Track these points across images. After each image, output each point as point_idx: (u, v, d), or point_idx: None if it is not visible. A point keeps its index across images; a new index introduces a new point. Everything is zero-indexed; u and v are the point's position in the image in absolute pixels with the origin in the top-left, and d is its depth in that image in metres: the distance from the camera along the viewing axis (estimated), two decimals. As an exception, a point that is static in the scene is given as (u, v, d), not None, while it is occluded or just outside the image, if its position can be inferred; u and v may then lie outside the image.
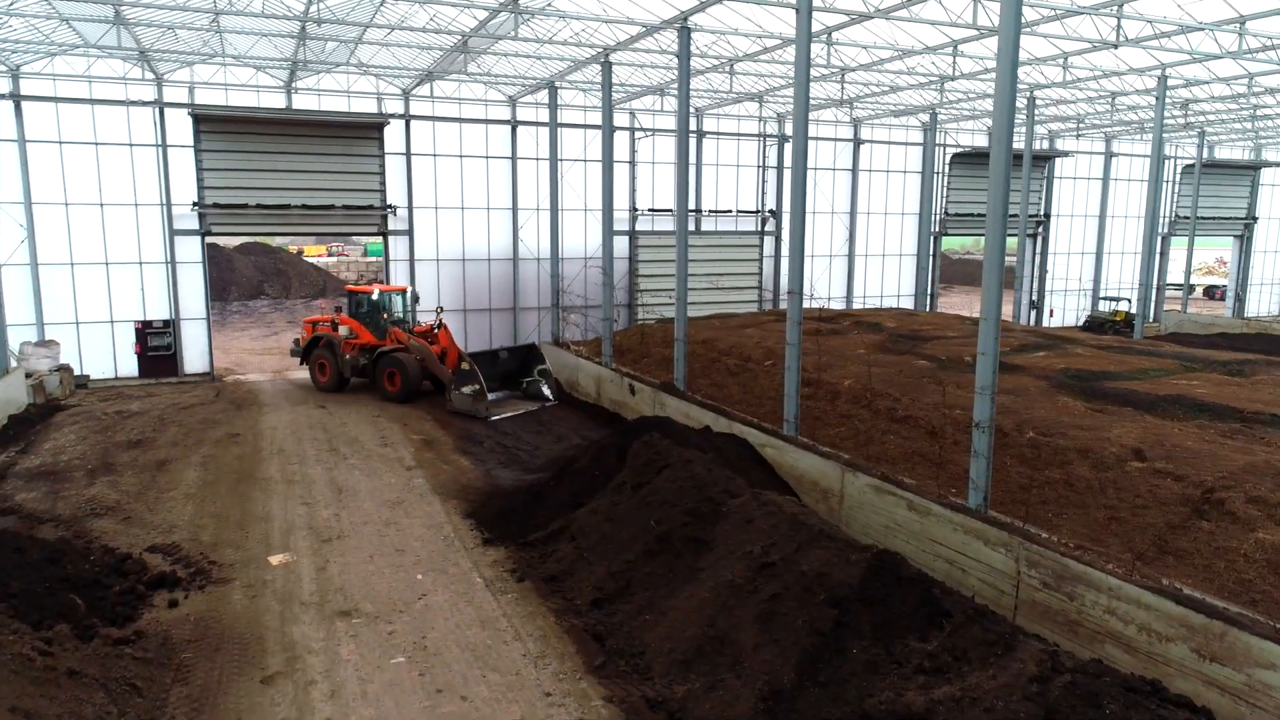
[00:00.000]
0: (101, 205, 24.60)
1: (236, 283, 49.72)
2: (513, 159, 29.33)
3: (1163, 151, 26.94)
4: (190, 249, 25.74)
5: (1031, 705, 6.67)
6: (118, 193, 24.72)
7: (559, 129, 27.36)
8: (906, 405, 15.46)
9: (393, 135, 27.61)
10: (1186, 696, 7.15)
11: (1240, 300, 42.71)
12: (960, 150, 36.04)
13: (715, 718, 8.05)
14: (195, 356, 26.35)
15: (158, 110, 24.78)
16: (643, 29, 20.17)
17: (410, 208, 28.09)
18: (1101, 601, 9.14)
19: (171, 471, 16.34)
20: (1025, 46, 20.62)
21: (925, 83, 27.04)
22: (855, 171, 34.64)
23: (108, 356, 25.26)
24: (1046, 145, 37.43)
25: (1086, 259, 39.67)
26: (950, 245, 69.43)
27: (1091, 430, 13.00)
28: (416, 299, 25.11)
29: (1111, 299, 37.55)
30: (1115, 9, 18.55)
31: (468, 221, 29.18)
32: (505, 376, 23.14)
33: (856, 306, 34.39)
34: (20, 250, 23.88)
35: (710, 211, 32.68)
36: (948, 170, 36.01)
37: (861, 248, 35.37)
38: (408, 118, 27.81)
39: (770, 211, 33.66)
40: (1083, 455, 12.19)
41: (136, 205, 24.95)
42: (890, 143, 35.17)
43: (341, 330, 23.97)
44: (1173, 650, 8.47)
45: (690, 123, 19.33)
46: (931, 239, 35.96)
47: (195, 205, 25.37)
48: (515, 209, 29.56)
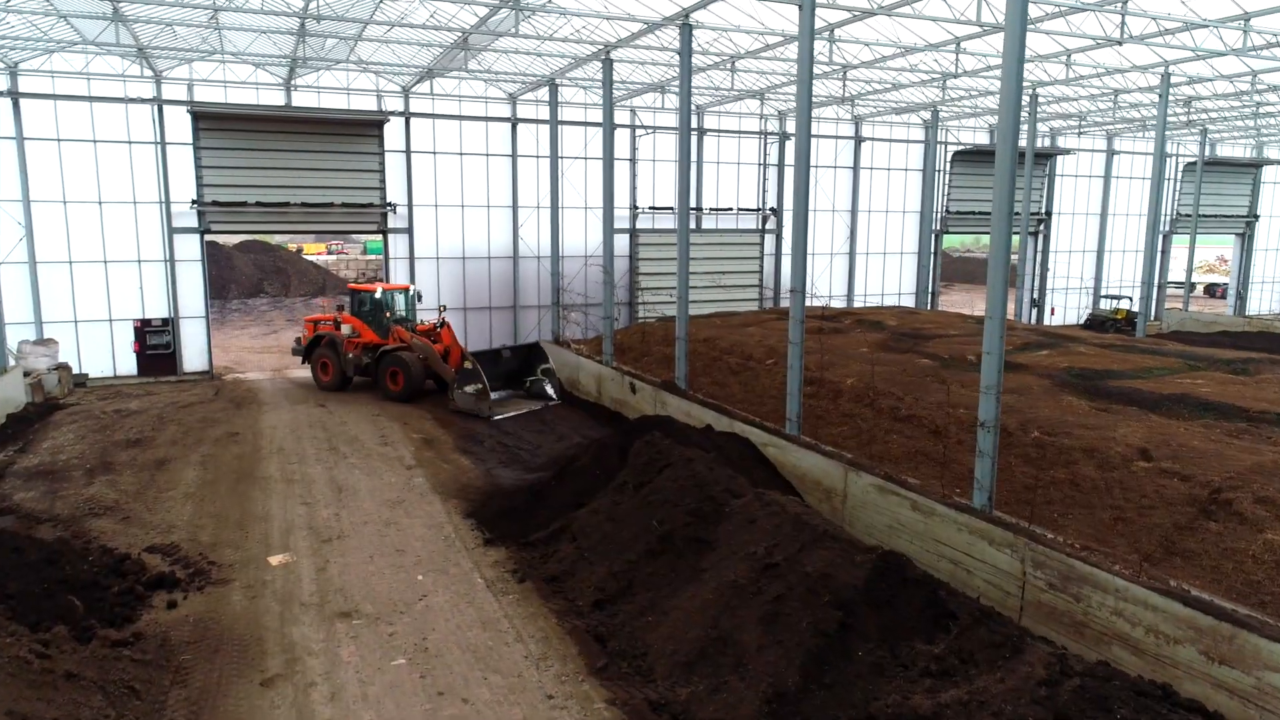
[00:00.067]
0: (100, 203, 24.51)
1: (236, 281, 49.61)
2: (513, 157, 29.22)
3: (1165, 149, 26.81)
4: (189, 247, 25.65)
5: (1040, 709, 6.59)
6: (116, 191, 24.62)
7: (559, 126, 27.26)
8: (909, 404, 15.38)
9: (392, 133, 27.49)
10: (1198, 701, 7.08)
11: (1242, 298, 42.64)
12: (962, 148, 35.93)
13: (719, 721, 7.98)
14: (194, 355, 26.25)
15: (156, 108, 24.67)
16: (644, 26, 20.06)
17: (410, 206, 27.98)
18: (1108, 603, 9.06)
19: (170, 471, 16.26)
20: (1028, 44, 20.48)
21: (927, 80, 26.94)
22: (856, 169, 34.54)
23: (106, 355, 25.18)
24: (1048, 143, 37.33)
25: (1088, 257, 39.59)
26: (950, 243, 69.33)
27: (1096, 429, 12.91)
28: (419, 297, 25.00)
29: (1113, 297, 37.47)
30: (1120, 5, 18.46)
31: (468, 219, 29.08)
32: (508, 375, 23.04)
33: (857, 305, 34.32)
34: (19, 249, 23.79)
35: (711, 209, 32.59)
36: (949, 168, 35.90)
37: (862, 246, 35.28)
38: (407, 115, 27.69)
39: (771, 209, 33.56)
40: (1088, 455, 12.10)
41: (135, 203, 24.86)
42: (891, 140, 35.07)
43: (344, 329, 23.86)
44: (1181, 652, 8.39)
45: (691, 120, 19.18)
46: (933, 237, 35.85)
47: (194, 203, 25.27)
48: (515, 207, 29.46)
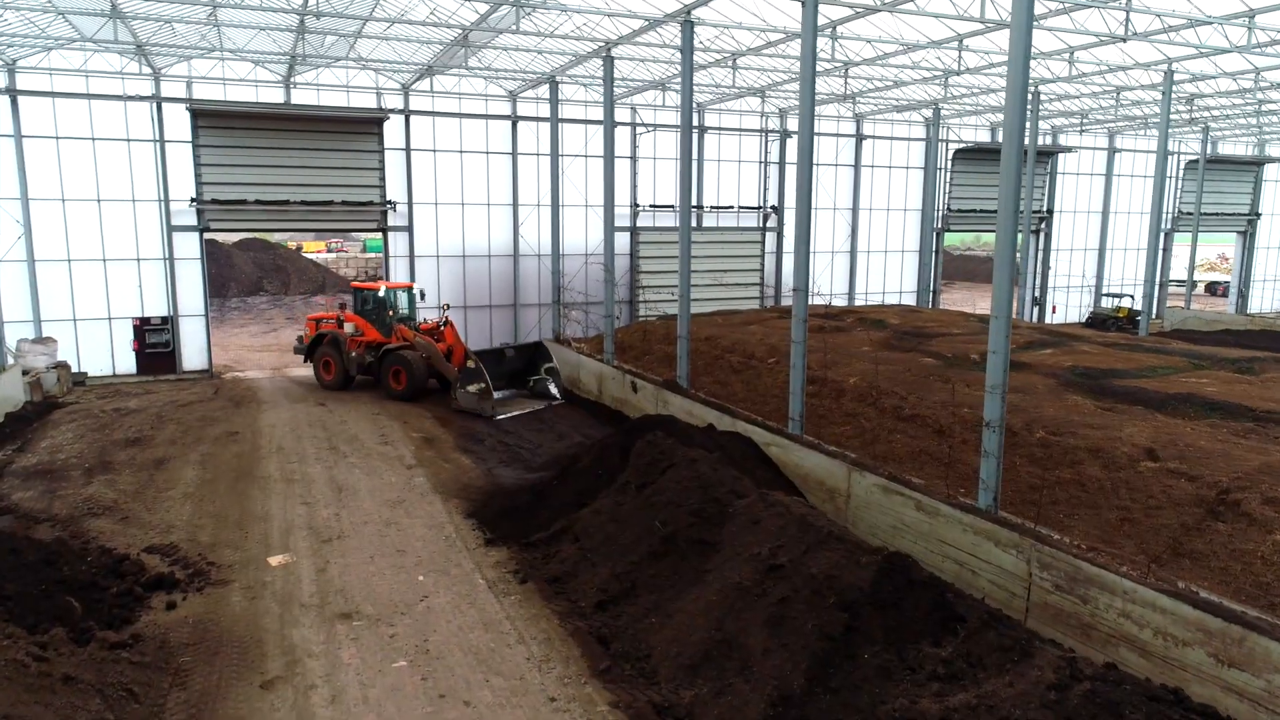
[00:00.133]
0: (99, 201, 24.40)
1: (235, 279, 49.50)
2: (513, 154, 29.12)
3: (1167, 147, 26.72)
4: (188, 245, 25.54)
5: (1050, 714, 6.50)
6: (115, 188, 24.52)
7: (560, 124, 27.15)
8: (913, 403, 15.29)
9: (392, 130, 27.38)
10: (1211, 706, 6.99)
11: (1243, 296, 42.56)
12: (963, 146, 35.83)
13: (724, 724, 7.90)
14: (194, 353, 26.15)
15: (155, 105, 24.55)
16: (645, 22, 19.96)
17: (410, 203, 27.87)
18: (1116, 605, 8.99)
19: (170, 470, 16.17)
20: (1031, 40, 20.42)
21: (929, 77, 26.84)
22: (857, 167, 34.44)
23: (105, 354, 25.08)
24: (1049, 141, 37.23)
25: (1089, 255, 39.50)
26: (950, 241, 69.16)
27: (1102, 429, 12.82)
28: (422, 296, 24.86)
29: (1114, 295, 37.38)
30: (1124, 1, 18.35)
31: (468, 217, 28.97)
32: (511, 375, 22.93)
33: (859, 303, 34.23)
34: (17, 247, 23.68)
35: (712, 207, 32.48)
36: (950, 166, 35.79)
37: (864, 244, 35.19)
38: (407, 113, 27.58)
39: (772, 207, 33.46)
40: (1094, 455, 12.01)
41: (134, 201, 24.75)
42: (893, 138, 34.96)
43: (347, 327, 23.74)
44: (1189, 655, 8.32)
45: (692, 118, 19.08)
46: (934, 235, 35.75)
47: (193, 201, 25.17)
48: (516, 205, 29.35)
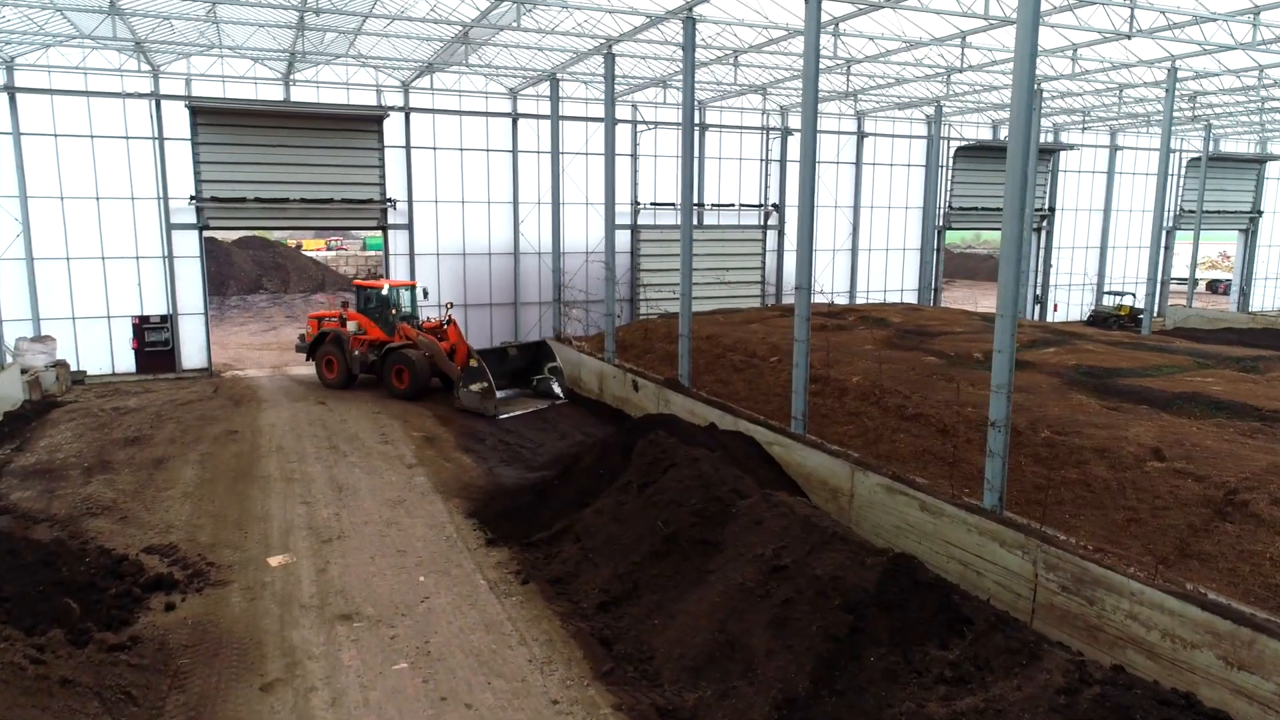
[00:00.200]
0: (98, 199, 24.29)
1: (235, 277, 49.41)
2: (513, 152, 29.01)
3: (1170, 144, 26.63)
4: (188, 243, 25.43)
5: (1059, 718, 6.43)
6: (114, 186, 24.41)
7: (560, 122, 27.05)
8: (916, 402, 15.20)
9: (392, 128, 27.27)
10: (1224, 712, 6.90)
11: (1245, 294, 42.45)
12: (965, 143, 35.71)
13: (728, 728, 7.82)
14: (193, 352, 26.05)
15: (154, 103, 24.45)
16: (647, 19, 19.84)
17: (410, 201, 27.77)
18: (1123, 606, 8.91)
19: (169, 470, 16.08)
20: (1035, 38, 20.31)
21: (931, 75, 26.72)
22: (859, 165, 34.33)
23: (104, 352, 24.99)
24: (1051, 138, 37.12)
25: (1090, 253, 39.41)
26: (951, 239, 69.00)
27: (1107, 429, 12.73)
28: (425, 294, 24.75)
29: (1115, 293, 37.29)
30: (1129, -2, 18.26)
31: (468, 215, 28.87)
32: (514, 374, 22.81)
33: (860, 301, 34.15)
34: (16, 245, 23.58)
35: (713, 205, 32.38)
36: (952, 163, 35.68)
37: (865, 242, 35.09)
38: (407, 110, 27.47)
39: (773, 205, 33.35)
40: (1099, 455, 11.92)
41: (133, 199, 24.64)
42: (894, 136, 34.85)
43: (350, 326, 23.61)
44: (1198, 657, 8.24)
45: (694, 115, 18.98)
46: (935, 233, 35.65)
47: (192, 199, 25.07)
48: (516, 203, 29.25)
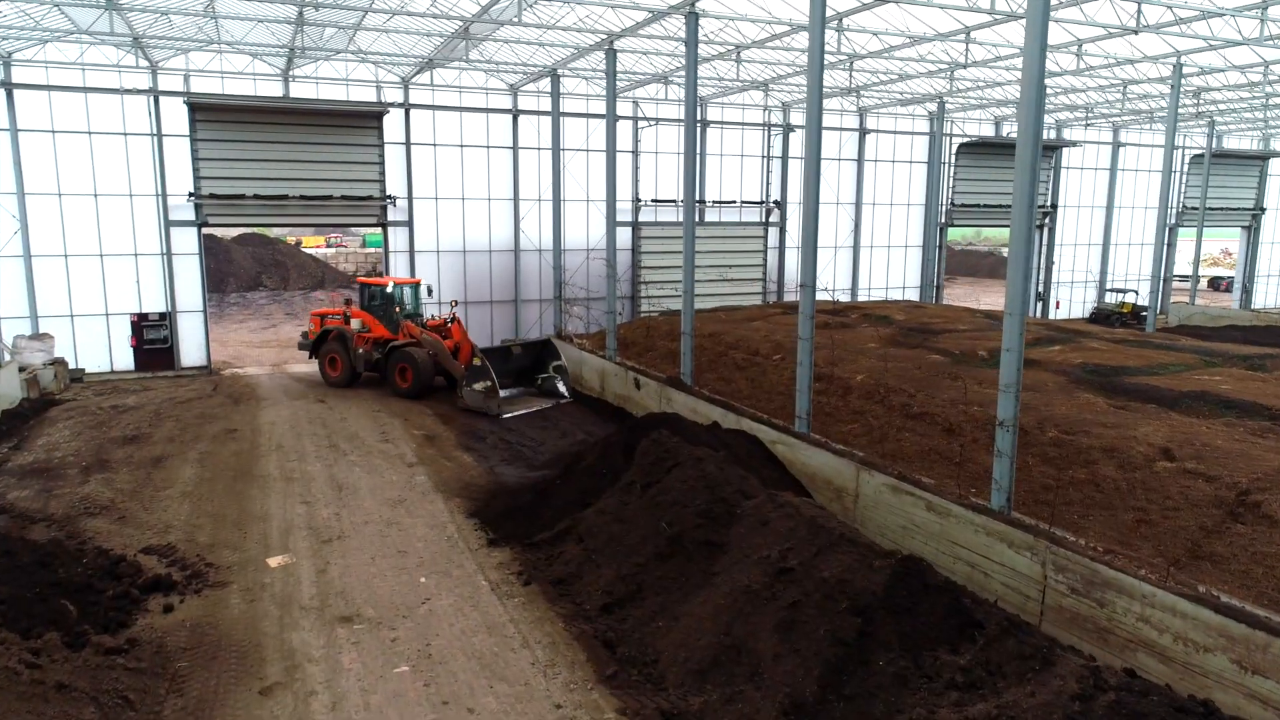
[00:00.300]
0: (96, 196, 24.15)
1: (234, 274, 49.25)
2: (514, 149, 28.85)
3: (1175, 141, 26.47)
4: (186, 240, 25.29)
5: (1074, 725, 6.30)
6: (112, 183, 24.27)
7: (561, 118, 26.88)
8: (921, 401, 15.07)
9: (392, 124, 27.10)
10: (1241, 718, 6.77)
11: (1247, 292, 42.32)
12: (967, 140, 35.55)
13: (735, 733, 7.70)
14: (192, 349, 25.92)
15: (152, 99, 24.29)
16: (649, 14, 19.70)
17: (410, 198, 27.62)
18: (1134, 609, 8.78)
19: (167, 469, 15.96)
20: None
21: (934, 71, 26.56)
22: (860, 161, 34.18)
23: (103, 350, 24.85)
24: (1054, 135, 36.95)
25: (1093, 250, 39.28)
26: (952, 236, 68.90)
27: (1116, 428, 12.59)
28: (429, 291, 24.61)
29: (1118, 291, 37.14)
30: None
31: (468, 212, 28.72)
32: (519, 372, 22.67)
33: (862, 299, 34.01)
34: (13, 242, 23.44)
35: (714, 202, 32.22)
36: (954, 160, 35.52)
37: (866, 239, 34.95)
38: (407, 106, 27.31)
39: (775, 202, 33.20)
40: (1108, 454, 11.79)
41: (131, 196, 24.49)
42: (896, 132, 34.68)
43: (354, 324, 23.46)
44: (1211, 661, 8.12)
45: (696, 111, 18.83)
46: (938, 230, 35.50)
47: (191, 196, 24.91)
48: (517, 199, 29.10)
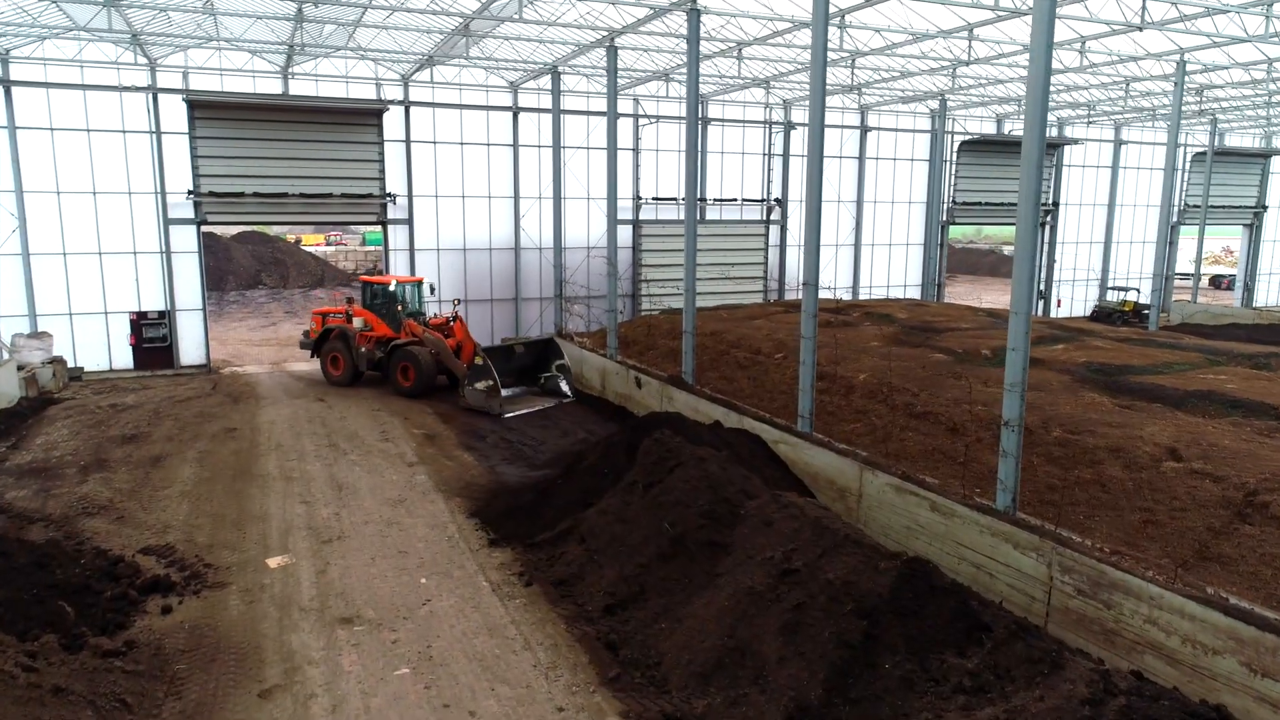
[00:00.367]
0: (94, 194, 24.04)
1: (233, 272, 49.12)
2: (514, 146, 28.74)
3: (1177, 139, 26.36)
4: (186, 238, 25.19)
5: (1084, 730, 6.22)
6: (111, 181, 24.16)
7: (562, 115, 26.76)
8: (925, 400, 14.98)
9: (392, 122, 27.00)
10: (1254, 723, 6.69)
11: (1249, 290, 42.23)
12: (969, 138, 35.43)
13: (739, 736, 7.62)
14: (191, 348, 25.83)
15: (151, 96, 24.17)
16: (650, 11, 19.59)
17: (410, 196, 27.52)
18: (1141, 610, 8.70)
19: (166, 468, 15.87)
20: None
21: (937, 68, 26.45)
22: (861, 159, 34.07)
23: (102, 348, 24.75)
24: (1055, 133, 36.84)
25: (1094, 248, 39.18)
26: (952, 234, 68.87)
27: (1121, 428, 12.51)
28: (432, 290, 24.46)
29: (1120, 289, 37.04)
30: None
31: (469, 210, 28.62)
32: (521, 371, 22.56)
33: (863, 297, 33.90)
34: (12, 240, 23.34)
35: (715, 200, 32.11)
36: (955, 158, 35.41)
37: (868, 237, 34.85)
38: (407, 104, 27.20)
39: (776, 200, 33.09)
40: (1114, 454, 11.70)
41: (130, 194, 24.39)
42: (897, 130, 34.57)
43: (356, 322, 23.37)
44: (1220, 664, 8.04)
45: (697, 109, 18.76)
46: (939, 228, 35.40)
47: (190, 193, 24.81)
48: (517, 197, 29.00)
